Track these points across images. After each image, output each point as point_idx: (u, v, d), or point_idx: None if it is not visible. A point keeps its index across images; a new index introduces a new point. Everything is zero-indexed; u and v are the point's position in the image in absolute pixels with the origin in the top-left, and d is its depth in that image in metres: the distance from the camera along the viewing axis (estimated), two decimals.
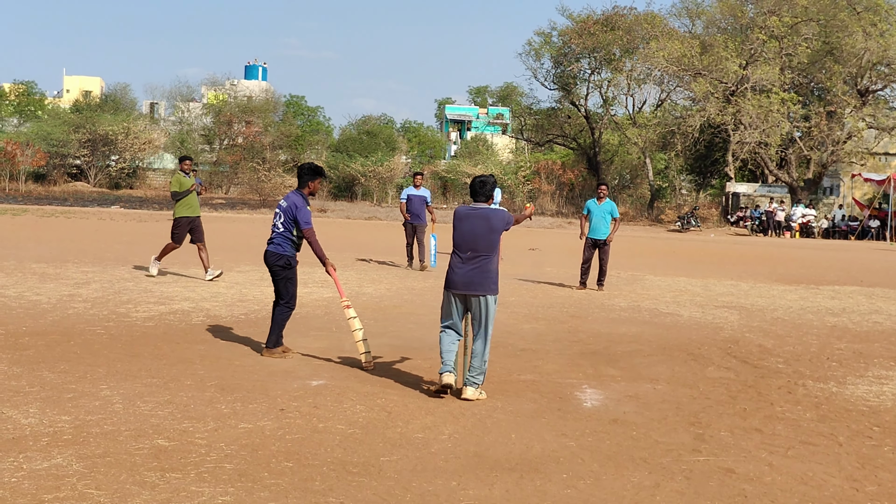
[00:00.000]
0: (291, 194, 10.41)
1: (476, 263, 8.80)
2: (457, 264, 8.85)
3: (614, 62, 63.50)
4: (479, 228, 8.84)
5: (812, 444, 7.63)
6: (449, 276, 8.91)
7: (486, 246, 8.85)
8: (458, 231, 8.94)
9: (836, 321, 15.12)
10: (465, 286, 8.78)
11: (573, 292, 17.73)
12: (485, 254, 8.84)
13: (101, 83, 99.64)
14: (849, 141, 53.88)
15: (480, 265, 8.81)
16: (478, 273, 8.79)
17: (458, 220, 8.97)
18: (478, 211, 8.94)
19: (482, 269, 8.81)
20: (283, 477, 6.17)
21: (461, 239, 8.91)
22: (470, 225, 8.87)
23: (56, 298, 13.91)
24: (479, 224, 8.86)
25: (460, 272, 8.81)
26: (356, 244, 28.15)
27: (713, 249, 34.22)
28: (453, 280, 8.85)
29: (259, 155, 64.65)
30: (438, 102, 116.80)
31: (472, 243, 8.82)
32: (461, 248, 8.89)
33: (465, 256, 8.83)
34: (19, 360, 9.52)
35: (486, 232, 8.84)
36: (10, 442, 6.63)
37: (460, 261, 8.85)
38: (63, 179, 61.40)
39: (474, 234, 8.82)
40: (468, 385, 8.72)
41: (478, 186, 9.04)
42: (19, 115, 79.95)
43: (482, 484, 6.28)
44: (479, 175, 9.27)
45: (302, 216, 10.23)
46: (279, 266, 10.42)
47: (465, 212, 8.99)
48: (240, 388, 8.66)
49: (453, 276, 8.85)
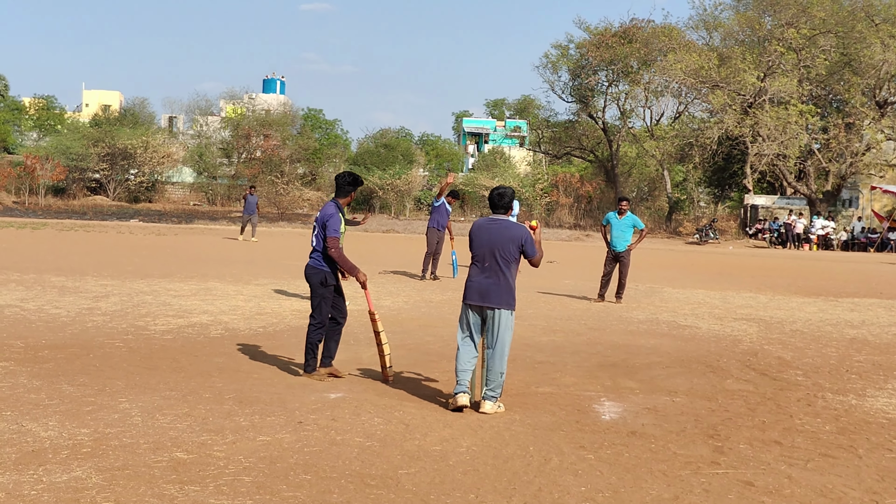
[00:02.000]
0: (328, 204, 9.95)
1: (493, 275, 8.66)
2: (474, 275, 8.76)
3: (632, 74, 63.50)
4: (497, 239, 8.69)
5: (831, 457, 7.59)
6: (466, 288, 8.82)
7: (505, 258, 8.69)
8: (477, 242, 8.81)
9: (855, 333, 15.05)
10: (480, 298, 8.66)
11: (591, 304, 17.70)
12: (503, 266, 8.68)
13: (120, 97, 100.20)
14: (867, 153, 53.73)
15: (498, 278, 8.66)
16: (494, 285, 8.64)
17: (476, 231, 8.85)
18: (497, 222, 8.82)
19: (499, 281, 8.66)
20: (302, 489, 6.18)
21: (479, 250, 8.77)
22: (489, 236, 8.73)
23: (75, 311, 13.97)
24: (498, 235, 8.72)
25: (477, 284, 8.71)
26: (374, 257, 28.18)
27: (731, 262, 34.12)
28: (470, 291, 8.75)
29: (277, 168, 64.84)
30: (456, 115, 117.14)
31: (491, 255, 8.68)
32: (479, 259, 8.76)
33: (482, 267, 8.72)
34: (39, 373, 9.56)
35: (505, 243, 8.68)
36: (29, 455, 6.66)
37: (478, 272, 8.74)
38: (82, 193, 61.74)
39: (492, 245, 8.68)
40: (486, 399, 8.63)
41: (496, 198, 8.92)
42: (39, 130, 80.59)
43: (500, 497, 6.27)
44: (498, 186, 9.14)
45: (331, 224, 9.68)
46: (317, 282, 9.80)
47: (485, 223, 8.88)
48: (258, 400, 8.67)
49: (470, 287, 8.76)
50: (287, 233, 42.10)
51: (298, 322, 13.81)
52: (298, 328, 13.25)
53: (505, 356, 8.67)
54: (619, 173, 66.34)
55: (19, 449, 6.78)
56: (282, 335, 12.63)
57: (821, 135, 54.65)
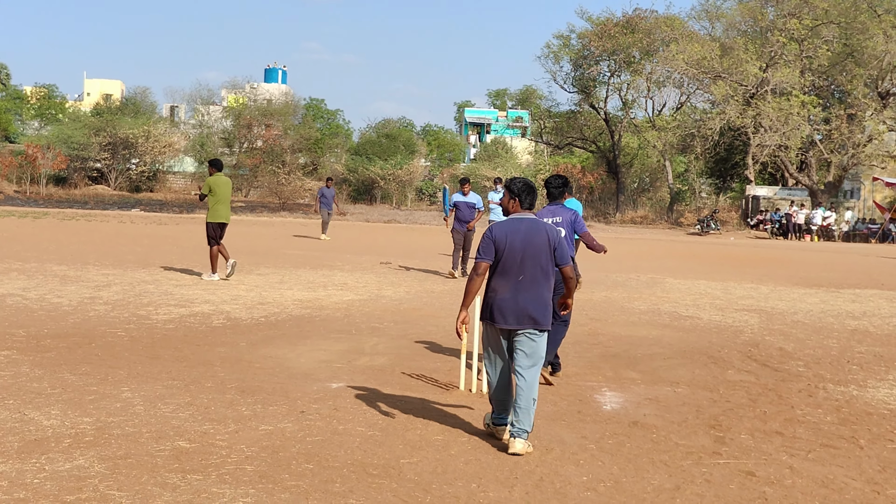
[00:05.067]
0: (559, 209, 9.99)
1: (533, 289, 7.20)
2: (504, 290, 7.19)
3: (634, 65, 63.47)
4: (533, 242, 7.21)
5: (833, 448, 7.60)
6: (492, 307, 7.25)
7: (544, 266, 7.24)
8: (507, 248, 7.19)
9: (856, 324, 15.05)
10: (517, 320, 7.18)
11: (591, 296, 17.68)
12: (542, 276, 7.24)
13: (121, 86, 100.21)
14: (869, 144, 53.64)
15: (539, 291, 7.22)
16: (534, 302, 7.19)
17: (501, 236, 7.21)
18: (526, 221, 7.31)
19: (541, 295, 7.23)
20: (304, 479, 6.19)
21: (511, 257, 7.18)
22: (521, 238, 7.19)
23: (77, 301, 13.97)
24: (534, 237, 7.22)
25: (512, 301, 7.16)
26: (376, 247, 28.18)
27: (733, 253, 34.10)
28: (500, 312, 7.21)
29: (279, 158, 64.78)
30: (457, 105, 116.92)
31: (526, 262, 7.19)
32: (510, 269, 7.18)
33: (516, 281, 7.18)
34: (41, 362, 9.57)
35: (542, 246, 7.22)
36: (32, 443, 6.67)
37: (509, 286, 7.17)
38: (83, 182, 61.68)
39: (528, 251, 7.18)
40: (517, 437, 7.06)
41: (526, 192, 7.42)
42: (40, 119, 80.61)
43: (502, 486, 6.28)
44: (521, 178, 7.62)
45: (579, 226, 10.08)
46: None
47: (511, 225, 7.27)
48: (260, 390, 8.68)
49: (501, 306, 7.19)
50: (289, 223, 42.07)
51: (300, 312, 13.82)
52: (300, 318, 13.26)
53: (537, 378, 7.29)
54: (620, 164, 66.29)
55: (22, 438, 6.79)
56: (284, 324, 12.63)
57: (823, 126, 54.59)
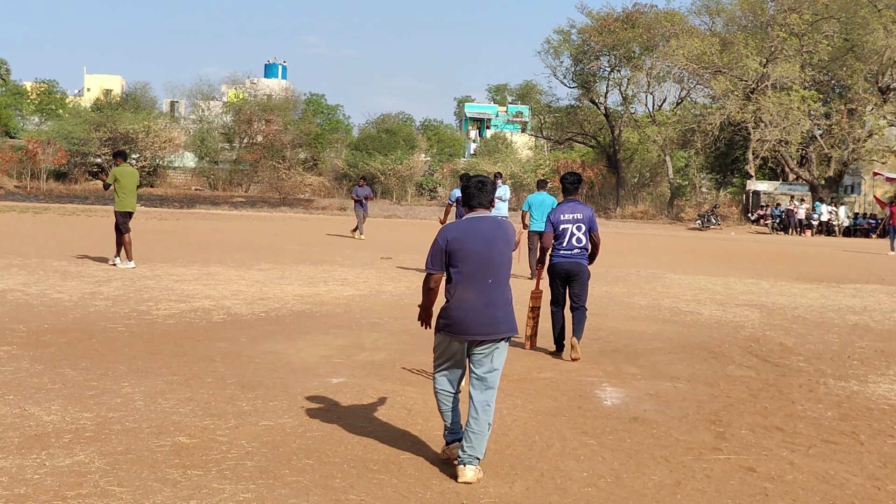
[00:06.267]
0: (578, 205, 10.96)
1: (498, 293, 6.48)
2: (470, 297, 6.40)
3: (634, 60, 63.46)
4: (495, 243, 6.49)
5: (833, 443, 7.60)
6: (454, 318, 6.42)
7: (507, 267, 6.61)
8: (467, 251, 6.40)
9: (857, 319, 15.05)
10: (490, 328, 6.41)
11: (592, 290, 17.64)
12: (505, 278, 6.60)
13: (121, 82, 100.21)
14: (870, 139, 53.62)
15: (503, 295, 6.53)
16: (501, 308, 6.49)
17: (458, 237, 6.45)
18: (486, 220, 6.58)
19: (505, 300, 6.55)
20: (304, 474, 6.19)
21: (472, 261, 6.40)
22: (482, 238, 6.45)
23: (77, 296, 13.97)
24: (496, 237, 6.51)
25: (480, 309, 6.39)
26: (376, 242, 28.18)
27: (733, 248, 34.10)
28: (464, 323, 6.39)
29: (279, 153, 64.82)
30: (458, 100, 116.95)
31: (491, 265, 6.45)
32: (472, 274, 6.41)
33: (482, 286, 6.42)
34: (41, 357, 9.57)
35: (502, 247, 6.53)
36: (32, 439, 6.67)
37: (475, 292, 6.40)
38: (84, 178, 61.69)
39: (491, 252, 6.45)
40: (467, 464, 6.29)
41: (473, 189, 6.68)
42: (41, 114, 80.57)
43: (502, 482, 6.28)
44: (476, 175, 6.97)
45: (594, 224, 11.01)
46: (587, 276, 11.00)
47: (469, 224, 6.52)
48: (260, 385, 8.68)
49: (465, 316, 6.38)
50: (289, 218, 42.07)
51: (300, 307, 13.82)
52: (300, 313, 13.26)
53: (494, 398, 6.53)
54: (620, 159, 66.32)
55: (22, 433, 6.79)
56: (284, 320, 12.63)
57: (823, 121, 54.57)
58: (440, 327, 6.52)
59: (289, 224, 37.07)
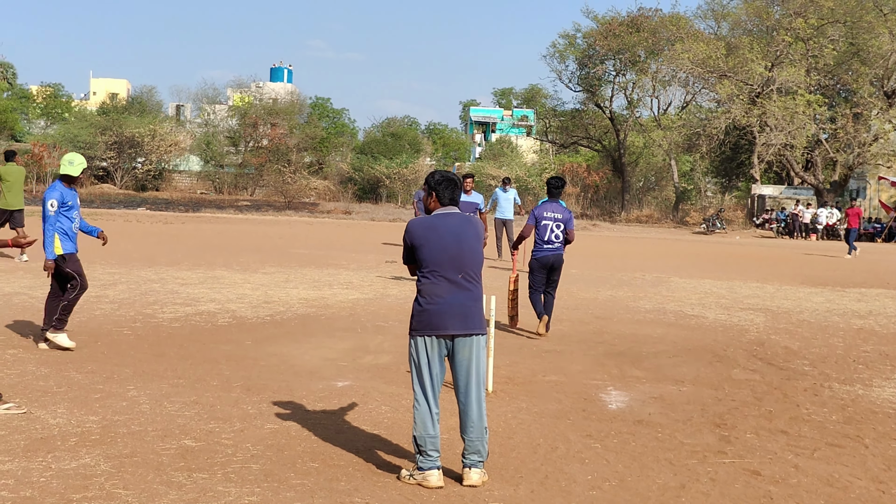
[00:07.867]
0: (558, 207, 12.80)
1: (471, 287, 6.44)
2: (443, 293, 6.37)
3: (639, 64, 63.41)
4: (466, 238, 6.46)
5: (838, 446, 7.60)
6: (429, 312, 6.39)
7: (478, 261, 6.57)
8: (436, 246, 6.38)
9: (862, 323, 15.03)
10: (463, 323, 6.36)
11: (597, 294, 17.67)
12: (477, 273, 6.54)
13: (127, 85, 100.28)
14: (875, 143, 53.51)
15: (475, 290, 6.47)
16: (474, 302, 6.44)
17: (426, 232, 6.46)
18: (455, 216, 6.53)
19: (476, 294, 6.48)
20: (309, 477, 6.20)
21: (442, 255, 6.38)
22: (452, 232, 6.42)
23: (83, 300, 13.94)
24: (466, 232, 6.49)
25: (454, 303, 6.36)
26: (381, 246, 28.19)
27: (738, 251, 34.08)
28: (441, 317, 6.35)
29: (284, 157, 64.82)
30: (463, 104, 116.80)
31: (462, 260, 6.42)
32: (443, 268, 6.39)
33: (454, 280, 6.38)
34: (47, 360, 9.60)
35: (473, 242, 6.50)
36: (38, 442, 6.69)
37: (448, 286, 6.37)
38: (89, 181, 61.71)
39: (462, 247, 6.42)
40: (473, 467, 6.32)
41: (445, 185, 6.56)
42: (46, 118, 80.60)
43: (507, 484, 6.29)
44: (441, 171, 6.79)
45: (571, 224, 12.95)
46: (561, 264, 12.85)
47: (438, 220, 6.49)
48: (266, 388, 8.70)
49: (440, 310, 6.35)
50: (294, 222, 42.10)
51: (305, 310, 13.84)
52: (306, 316, 13.28)
53: (484, 399, 6.48)
54: (626, 163, 66.25)
55: (28, 436, 6.82)
56: (289, 323, 12.65)
57: (828, 125, 54.46)
58: (414, 328, 6.42)
59: (294, 228, 37.07)
